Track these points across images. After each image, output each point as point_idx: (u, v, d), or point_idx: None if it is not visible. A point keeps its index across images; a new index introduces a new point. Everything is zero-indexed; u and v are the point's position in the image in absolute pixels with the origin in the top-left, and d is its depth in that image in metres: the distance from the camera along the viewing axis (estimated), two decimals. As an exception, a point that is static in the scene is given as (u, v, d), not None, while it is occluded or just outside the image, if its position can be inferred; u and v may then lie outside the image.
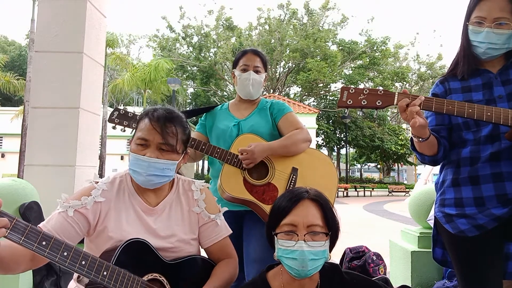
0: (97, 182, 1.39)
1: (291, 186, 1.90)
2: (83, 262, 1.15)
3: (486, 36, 1.42)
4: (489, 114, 1.34)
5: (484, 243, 1.40)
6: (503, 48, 1.43)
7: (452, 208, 1.46)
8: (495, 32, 1.40)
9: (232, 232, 1.56)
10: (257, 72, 2.08)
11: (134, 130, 1.42)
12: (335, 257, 3.49)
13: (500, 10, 1.40)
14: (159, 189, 1.42)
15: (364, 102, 1.42)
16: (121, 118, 1.87)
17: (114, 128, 1.89)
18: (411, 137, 1.50)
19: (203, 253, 1.51)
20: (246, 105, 2.15)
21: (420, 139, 1.42)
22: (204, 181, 1.56)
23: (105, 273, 1.18)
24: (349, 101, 1.44)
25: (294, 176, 1.92)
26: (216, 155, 1.91)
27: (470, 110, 1.35)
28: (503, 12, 1.40)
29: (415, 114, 1.33)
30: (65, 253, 1.12)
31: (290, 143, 1.95)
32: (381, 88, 1.46)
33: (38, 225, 1.27)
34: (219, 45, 25.78)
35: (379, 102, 1.42)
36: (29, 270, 1.25)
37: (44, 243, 1.09)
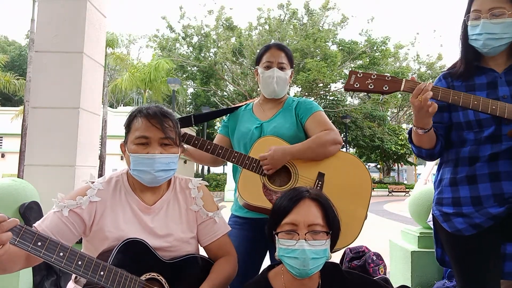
0: (93, 182, 1.38)
1: None
2: (80, 263, 1.15)
3: (483, 27, 1.41)
4: (493, 107, 1.34)
5: (481, 242, 1.41)
6: (504, 38, 1.41)
7: (450, 207, 1.47)
8: (491, 22, 1.40)
9: (230, 229, 1.55)
10: (281, 68, 1.91)
11: (126, 133, 1.40)
12: (335, 257, 3.49)
13: (494, 0, 1.40)
14: (156, 187, 1.42)
15: (371, 86, 1.43)
16: None
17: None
18: (410, 130, 1.51)
19: (202, 251, 1.51)
20: (270, 105, 1.98)
21: (423, 131, 1.43)
22: (201, 178, 1.56)
23: (102, 273, 1.18)
24: (356, 84, 1.44)
25: (320, 183, 1.72)
26: (233, 159, 1.76)
27: (476, 102, 1.36)
28: (498, 2, 1.40)
29: (427, 101, 1.33)
30: (61, 254, 1.12)
31: (315, 145, 1.74)
32: (388, 74, 1.46)
33: (33, 225, 1.26)
34: (219, 45, 25.72)
35: (386, 87, 1.42)
36: (25, 268, 1.25)
37: (39, 243, 1.09)
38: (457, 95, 1.38)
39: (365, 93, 1.49)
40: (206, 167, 33.14)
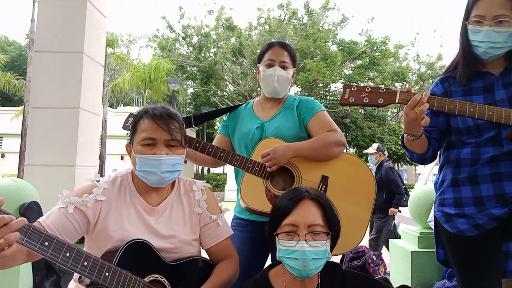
0: (98, 181, 1.39)
1: None
2: (85, 263, 1.15)
3: (486, 35, 1.37)
4: (490, 113, 1.33)
5: (483, 243, 1.40)
6: (505, 47, 1.39)
7: (452, 207, 1.46)
8: (495, 30, 1.36)
9: (233, 232, 1.56)
10: (283, 67, 1.86)
11: (132, 133, 1.41)
12: (335, 257, 3.49)
13: (499, 8, 1.36)
14: (161, 188, 1.42)
15: (366, 100, 1.40)
16: None
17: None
18: (402, 135, 1.50)
19: (204, 254, 1.51)
20: (271, 103, 1.95)
21: (414, 138, 1.42)
22: (205, 181, 1.56)
23: (107, 274, 1.18)
24: (351, 99, 1.42)
25: (324, 186, 1.69)
26: (235, 163, 1.72)
27: (472, 110, 1.34)
28: (503, 9, 1.35)
29: (423, 113, 1.32)
30: (67, 254, 1.12)
31: (319, 145, 1.71)
32: (383, 86, 1.45)
33: (38, 220, 1.26)
34: (219, 45, 25.67)
35: (381, 100, 1.40)
36: (25, 263, 1.25)
37: (46, 243, 1.09)
38: (453, 103, 1.36)
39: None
40: (206, 167, 33.11)
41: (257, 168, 1.71)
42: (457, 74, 1.49)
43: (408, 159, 1.62)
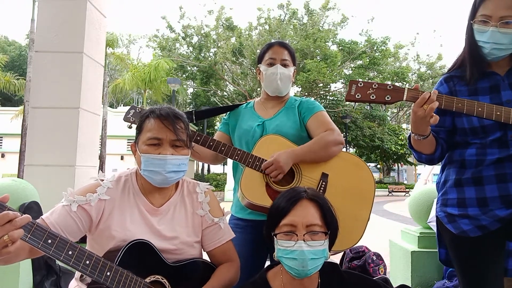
0: (102, 180, 1.39)
1: None
2: (87, 262, 1.15)
3: (491, 36, 1.35)
4: (498, 113, 1.31)
5: (486, 244, 1.39)
6: (510, 49, 1.37)
7: (455, 208, 1.45)
8: (501, 32, 1.34)
9: (234, 236, 1.55)
10: (285, 65, 1.89)
11: (137, 133, 1.41)
12: (335, 257, 3.49)
13: (506, 8, 1.33)
14: (164, 189, 1.42)
15: (373, 96, 1.38)
16: (137, 116, 1.77)
17: (130, 127, 1.81)
18: (409, 135, 1.47)
19: (205, 256, 1.51)
20: (273, 103, 1.97)
21: (422, 137, 1.40)
22: (209, 183, 1.56)
23: (108, 273, 1.18)
24: (358, 95, 1.38)
25: (324, 183, 1.72)
26: (236, 157, 1.74)
27: (480, 109, 1.32)
28: (510, 10, 1.33)
29: (433, 111, 1.29)
30: (70, 252, 1.13)
31: (318, 147, 1.74)
32: (390, 83, 1.42)
33: (41, 216, 1.27)
34: (219, 45, 25.68)
35: (388, 97, 1.37)
36: (26, 259, 1.24)
37: (49, 241, 1.09)
38: (461, 102, 1.34)
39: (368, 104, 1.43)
40: (206, 167, 33.12)
41: (257, 163, 1.71)
42: (466, 73, 1.47)
43: (416, 160, 1.59)
